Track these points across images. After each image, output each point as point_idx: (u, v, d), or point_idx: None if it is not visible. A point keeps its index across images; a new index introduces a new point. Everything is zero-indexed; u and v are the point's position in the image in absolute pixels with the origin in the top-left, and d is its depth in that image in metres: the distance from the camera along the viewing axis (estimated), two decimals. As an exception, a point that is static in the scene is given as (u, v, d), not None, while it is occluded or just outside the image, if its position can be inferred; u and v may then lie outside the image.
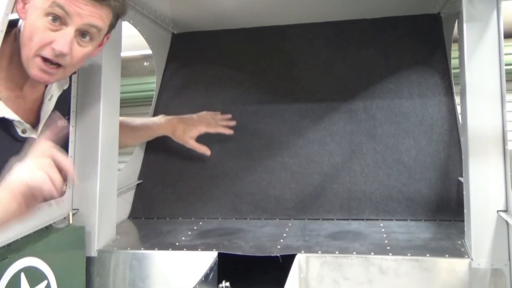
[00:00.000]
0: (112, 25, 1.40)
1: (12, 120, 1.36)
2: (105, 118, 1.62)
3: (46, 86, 1.47)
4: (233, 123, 2.08)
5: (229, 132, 2.05)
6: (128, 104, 6.98)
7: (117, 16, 1.39)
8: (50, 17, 1.24)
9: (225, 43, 2.32)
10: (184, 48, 2.35)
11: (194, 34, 2.36)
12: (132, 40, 2.19)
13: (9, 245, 1.28)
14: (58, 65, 1.30)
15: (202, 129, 2.01)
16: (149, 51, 2.25)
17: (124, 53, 1.77)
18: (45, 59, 1.28)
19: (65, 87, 1.55)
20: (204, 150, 2.02)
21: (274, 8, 2.08)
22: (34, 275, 1.31)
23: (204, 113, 2.08)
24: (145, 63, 5.60)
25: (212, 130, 2.03)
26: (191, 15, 2.20)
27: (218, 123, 2.06)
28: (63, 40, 1.25)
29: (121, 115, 1.79)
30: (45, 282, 1.34)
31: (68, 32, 1.26)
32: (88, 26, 1.29)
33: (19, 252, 1.26)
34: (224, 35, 2.32)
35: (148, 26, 2.14)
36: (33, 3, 1.26)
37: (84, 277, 1.54)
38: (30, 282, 1.29)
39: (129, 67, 5.98)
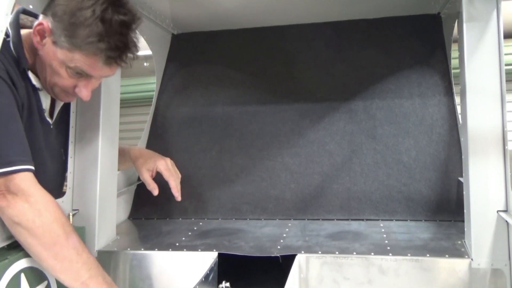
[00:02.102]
0: None
1: (39, 92, 1.43)
2: (105, 118, 1.62)
3: None
4: (178, 198, 1.87)
5: (176, 195, 1.86)
6: (128, 104, 6.98)
7: None
8: (72, 70, 1.35)
9: (225, 43, 2.32)
10: (184, 48, 2.35)
11: (194, 34, 2.36)
12: (132, 40, 2.18)
13: (9, 245, 1.28)
14: None
15: (160, 168, 1.86)
16: (149, 52, 2.24)
17: (124, 54, 1.77)
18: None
19: None
20: (153, 187, 1.85)
21: (274, 8, 2.08)
22: (34, 275, 1.31)
23: (169, 160, 1.90)
24: (145, 64, 5.60)
25: (167, 176, 1.86)
26: (191, 15, 2.20)
27: (174, 177, 1.88)
28: (86, 91, 1.40)
29: (121, 115, 1.79)
30: (45, 283, 1.35)
31: (91, 84, 1.40)
32: (105, 76, 1.43)
33: (19, 253, 1.26)
34: (224, 35, 2.32)
35: (148, 27, 2.14)
36: (58, 53, 1.32)
37: (84, 277, 1.54)
38: (30, 282, 1.29)
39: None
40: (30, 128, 1.38)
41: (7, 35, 1.32)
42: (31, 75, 1.38)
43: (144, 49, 2.41)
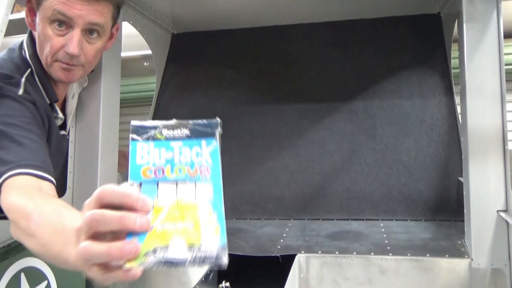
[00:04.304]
0: (115, 17, 1.43)
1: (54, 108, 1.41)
2: (105, 118, 1.62)
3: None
4: None
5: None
6: (128, 104, 6.97)
7: (117, 6, 1.42)
8: (56, 23, 1.30)
9: (225, 43, 2.32)
10: (184, 48, 2.35)
11: (194, 34, 2.36)
12: (132, 40, 2.19)
13: (9, 245, 1.27)
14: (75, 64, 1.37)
15: None
16: (149, 51, 2.25)
17: (124, 53, 1.77)
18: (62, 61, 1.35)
19: (85, 85, 1.58)
20: None
21: (274, 8, 2.08)
22: (34, 275, 1.31)
23: None
24: (145, 63, 5.60)
25: None
26: (191, 15, 2.20)
27: None
28: (72, 43, 1.31)
29: (121, 115, 1.78)
30: (45, 283, 1.34)
31: (75, 34, 1.31)
32: (91, 24, 1.33)
33: (19, 253, 1.26)
34: (224, 35, 2.32)
35: (148, 26, 2.14)
36: (40, 14, 1.31)
37: (84, 277, 1.53)
38: (30, 282, 1.29)
39: (129, 67, 5.98)
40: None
41: (27, 65, 1.33)
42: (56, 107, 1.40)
43: (144, 49, 2.41)
